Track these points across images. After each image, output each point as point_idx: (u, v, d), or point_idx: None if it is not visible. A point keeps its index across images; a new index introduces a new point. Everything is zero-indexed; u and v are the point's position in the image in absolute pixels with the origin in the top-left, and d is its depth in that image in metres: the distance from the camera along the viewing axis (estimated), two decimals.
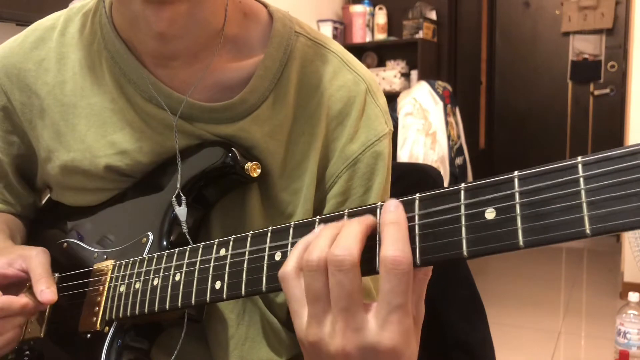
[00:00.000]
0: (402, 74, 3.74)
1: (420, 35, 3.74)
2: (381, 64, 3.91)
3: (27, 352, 0.72)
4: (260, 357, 0.70)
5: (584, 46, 4.72)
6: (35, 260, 0.66)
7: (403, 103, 3.29)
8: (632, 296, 2.20)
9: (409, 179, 0.89)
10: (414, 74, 3.73)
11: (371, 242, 0.44)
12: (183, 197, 0.65)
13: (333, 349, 0.43)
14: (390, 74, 3.72)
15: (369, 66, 3.90)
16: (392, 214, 0.43)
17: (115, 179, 0.70)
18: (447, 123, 3.40)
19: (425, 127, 3.25)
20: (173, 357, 0.65)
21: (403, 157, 3.13)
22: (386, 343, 0.42)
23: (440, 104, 3.39)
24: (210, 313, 0.69)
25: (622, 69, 4.35)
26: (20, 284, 0.66)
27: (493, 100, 5.02)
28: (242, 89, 0.66)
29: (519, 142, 4.88)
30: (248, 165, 0.64)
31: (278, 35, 0.68)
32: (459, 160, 3.56)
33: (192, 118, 0.66)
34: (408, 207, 0.44)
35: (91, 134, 0.69)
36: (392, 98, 3.47)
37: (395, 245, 0.41)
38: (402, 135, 3.22)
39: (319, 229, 0.47)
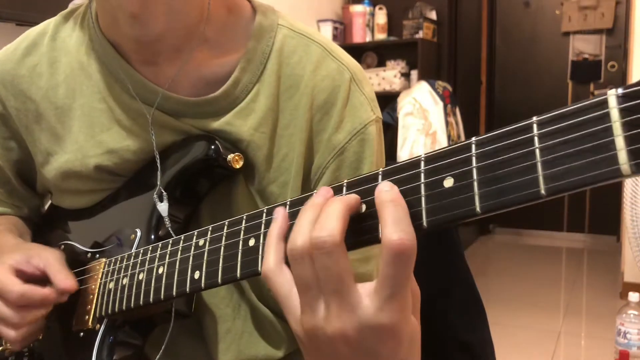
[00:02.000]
0: (402, 74, 3.74)
1: (420, 35, 3.74)
2: (381, 64, 3.91)
3: (27, 353, 0.72)
4: (258, 351, 0.70)
5: (584, 46, 4.72)
6: (51, 257, 0.68)
7: (403, 103, 3.29)
8: (632, 296, 2.20)
9: None
10: (414, 74, 3.73)
11: (367, 211, 0.42)
12: (165, 194, 0.66)
13: (330, 332, 0.41)
14: (390, 74, 3.72)
15: (369, 66, 3.90)
16: (389, 193, 0.40)
17: (106, 179, 0.70)
18: (447, 123, 3.40)
19: (426, 127, 3.25)
20: (160, 351, 0.66)
21: (403, 157, 3.13)
22: (386, 323, 0.40)
23: (441, 103, 3.39)
24: (205, 307, 0.69)
25: (622, 69, 4.35)
26: (34, 282, 0.67)
27: (493, 100, 5.02)
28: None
29: None
30: (230, 156, 0.64)
31: (260, 28, 0.68)
32: None
33: (178, 114, 0.67)
34: (372, 181, 0.43)
35: (82, 135, 0.70)
36: (392, 98, 3.47)
37: (399, 227, 0.38)
38: (402, 135, 3.22)
39: (278, 214, 0.45)
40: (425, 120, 3.25)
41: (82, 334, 0.66)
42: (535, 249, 4.39)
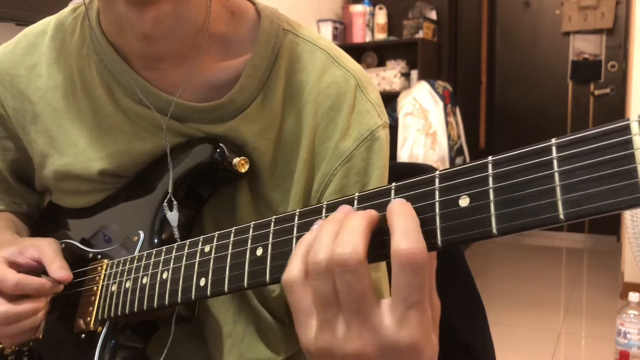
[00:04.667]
0: (402, 74, 3.74)
1: (420, 35, 3.74)
2: (381, 63, 3.91)
3: (27, 353, 0.72)
4: (258, 355, 0.70)
5: (584, 46, 4.72)
6: (47, 247, 0.68)
7: (403, 103, 3.29)
8: (632, 296, 2.20)
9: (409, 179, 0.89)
10: (414, 73, 3.73)
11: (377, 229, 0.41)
12: (175, 202, 0.65)
13: (350, 352, 0.40)
14: (390, 74, 3.72)
15: (369, 66, 3.90)
16: (400, 205, 0.40)
17: (108, 181, 0.70)
18: (447, 123, 3.40)
19: (426, 127, 3.25)
20: (163, 355, 0.65)
21: (403, 157, 3.13)
22: (406, 341, 0.38)
23: (441, 103, 3.39)
24: (206, 311, 0.69)
25: (622, 69, 4.35)
26: (31, 273, 0.67)
27: (493, 100, 5.02)
28: (231, 88, 0.65)
29: (519, 142, 4.80)
30: (236, 160, 0.63)
31: (266, 33, 0.67)
32: (459, 160, 3.56)
33: (182, 118, 0.66)
34: (384, 196, 0.42)
35: (83, 138, 0.69)
36: (392, 98, 3.47)
37: (407, 236, 0.38)
38: (402, 135, 3.21)
39: (317, 224, 0.43)
40: (425, 120, 3.25)
41: (83, 335, 0.66)
42: (535, 249, 4.39)
